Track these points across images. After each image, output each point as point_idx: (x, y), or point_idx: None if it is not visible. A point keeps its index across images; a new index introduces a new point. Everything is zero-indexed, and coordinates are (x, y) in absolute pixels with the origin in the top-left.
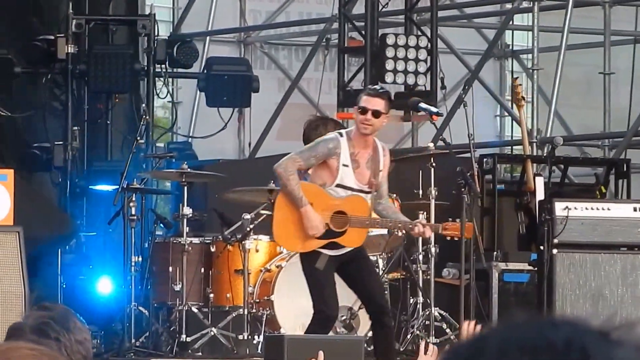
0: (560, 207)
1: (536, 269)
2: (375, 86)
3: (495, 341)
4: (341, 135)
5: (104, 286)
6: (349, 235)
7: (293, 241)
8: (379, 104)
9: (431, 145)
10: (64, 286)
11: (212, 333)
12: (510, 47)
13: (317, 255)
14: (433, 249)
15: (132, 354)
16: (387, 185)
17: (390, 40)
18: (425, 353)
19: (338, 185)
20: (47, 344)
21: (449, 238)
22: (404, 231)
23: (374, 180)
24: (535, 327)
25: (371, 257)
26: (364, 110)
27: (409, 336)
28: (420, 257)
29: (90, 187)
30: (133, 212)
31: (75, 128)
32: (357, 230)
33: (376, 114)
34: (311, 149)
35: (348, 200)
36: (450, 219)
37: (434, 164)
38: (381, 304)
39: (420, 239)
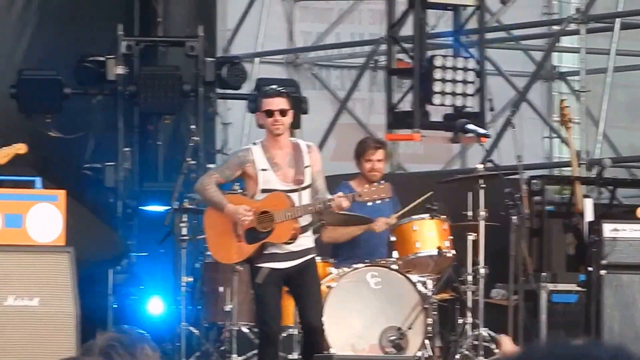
0: (608, 229)
1: (584, 289)
2: (272, 86)
3: (541, 355)
4: (254, 144)
5: (155, 306)
6: (277, 232)
7: (228, 253)
8: (282, 102)
9: (480, 166)
10: (115, 306)
11: None
12: (558, 69)
13: (259, 270)
14: (482, 270)
15: None
16: (322, 180)
17: (438, 62)
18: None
19: (264, 191)
20: None
21: (370, 204)
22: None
23: (301, 177)
24: (581, 345)
25: (418, 278)
26: (270, 113)
27: (457, 356)
28: (469, 277)
29: (140, 207)
30: (184, 233)
31: (126, 149)
32: (283, 224)
33: (283, 112)
34: (225, 162)
35: (267, 199)
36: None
37: (482, 186)
38: (309, 322)
39: (470, 259)
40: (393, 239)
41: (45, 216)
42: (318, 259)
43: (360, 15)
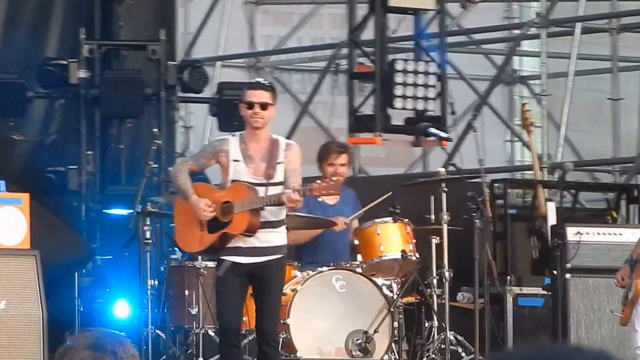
0: (572, 232)
1: (550, 293)
2: (258, 79)
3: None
4: (233, 135)
5: (121, 309)
6: (234, 222)
7: (191, 242)
8: (264, 96)
9: (442, 170)
10: (81, 309)
11: None
12: (519, 73)
13: (222, 263)
14: (447, 273)
15: None
16: (296, 178)
17: (399, 65)
18: None
19: (234, 181)
20: (105, 357)
21: (320, 199)
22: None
23: (271, 172)
24: (564, 349)
25: (383, 281)
26: (250, 105)
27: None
28: (435, 281)
29: (104, 211)
30: (148, 236)
31: (89, 152)
32: (241, 215)
33: (263, 106)
34: (201, 150)
35: (230, 189)
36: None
37: (445, 189)
38: (262, 330)
39: (434, 263)
40: (356, 242)
41: (9, 219)
42: None
43: (321, 19)
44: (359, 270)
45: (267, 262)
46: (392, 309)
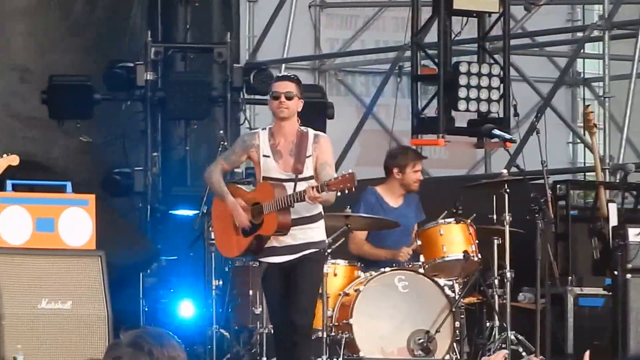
0: (633, 233)
1: (611, 293)
2: (284, 73)
3: None
4: (263, 129)
5: (186, 309)
6: (265, 224)
7: (229, 247)
8: (289, 86)
9: (505, 171)
10: (146, 309)
11: None
12: (582, 75)
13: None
14: (508, 274)
15: None
16: (328, 171)
17: (463, 68)
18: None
19: (264, 179)
20: (140, 356)
21: (339, 193)
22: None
23: (300, 167)
24: None
25: (445, 282)
26: (276, 96)
27: None
28: (496, 281)
29: (170, 211)
30: (213, 237)
31: (155, 154)
32: (270, 216)
33: (289, 96)
34: (231, 147)
35: (258, 189)
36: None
37: (507, 190)
38: (292, 321)
39: (496, 263)
40: (419, 243)
41: (76, 220)
42: (344, 263)
43: (384, 22)
44: (422, 270)
45: (304, 257)
46: (453, 309)
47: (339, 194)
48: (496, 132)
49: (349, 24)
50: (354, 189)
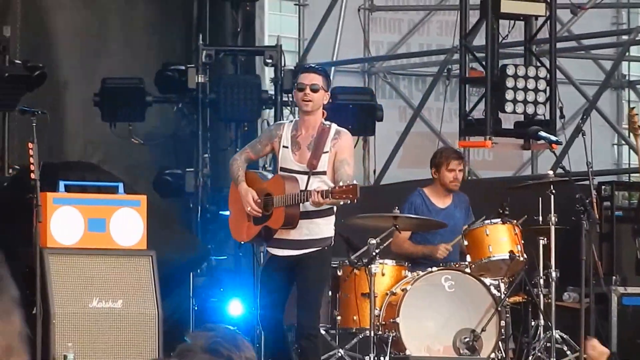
0: None
1: None
2: (311, 65)
3: None
4: (290, 121)
5: (235, 309)
6: (274, 216)
7: (239, 232)
8: (315, 78)
9: (551, 173)
10: (196, 308)
11: (340, 354)
12: (627, 78)
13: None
14: (554, 273)
15: None
16: (345, 169)
17: (510, 70)
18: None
19: (281, 169)
20: None
21: (342, 202)
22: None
23: (315, 162)
24: None
25: (491, 281)
26: (301, 87)
27: (530, 358)
28: (541, 281)
29: (220, 212)
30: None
31: (205, 155)
32: (278, 210)
33: (314, 88)
34: (258, 136)
35: (272, 181)
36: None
37: (553, 191)
38: (299, 323)
39: (541, 263)
40: (465, 243)
41: (127, 220)
42: (392, 263)
43: (429, 26)
44: (468, 270)
45: (306, 255)
46: (499, 308)
47: (341, 202)
48: (542, 134)
49: (393, 27)
50: (355, 201)
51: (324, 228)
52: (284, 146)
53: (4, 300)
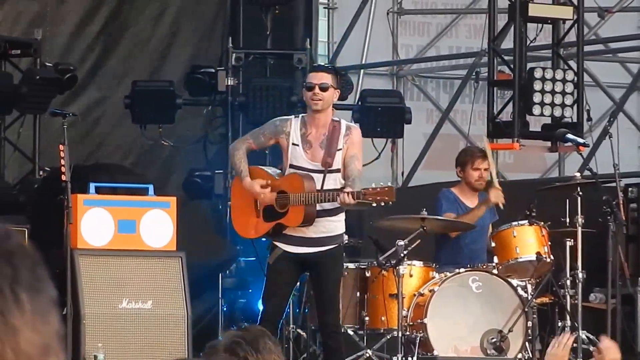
0: None
1: None
2: (320, 64)
3: None
4: (296, 117)
5: None
6: (290, 215)
7: (247, 228)
8: (325, 77)
9: (578, 175)
10: (225, 309)
11: (368, 354)
12: None
13: (275, 248)
14: (580, 275)
15: None
16: (355, 165)
17: (537, 73)
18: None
19: (291, 166)
20: None
21: (374, 204)
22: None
23: (329, 160)
24: None
25: (518, 282)
26: (310, 87)
27: None
28: (568, 282)
29: None
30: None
31: None
32: (296, 208)
33: (323, 87)
34: (261, 127)
35: (286, 179)
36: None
37: (580, 193)
38: (323, 322)
39: (568, 264)
40: (493, 245)
41: (157, 222)
42: (420, 264)
43: (457, 30)
44: (495, 271)
45: (321, 253)
46: (526, 309)
47: (374, 204)
48: (570, 136)
49: (422, 31)
50: (390, 203)
51: (339, 225)
52: (293, 144)
53: (43, 300)
